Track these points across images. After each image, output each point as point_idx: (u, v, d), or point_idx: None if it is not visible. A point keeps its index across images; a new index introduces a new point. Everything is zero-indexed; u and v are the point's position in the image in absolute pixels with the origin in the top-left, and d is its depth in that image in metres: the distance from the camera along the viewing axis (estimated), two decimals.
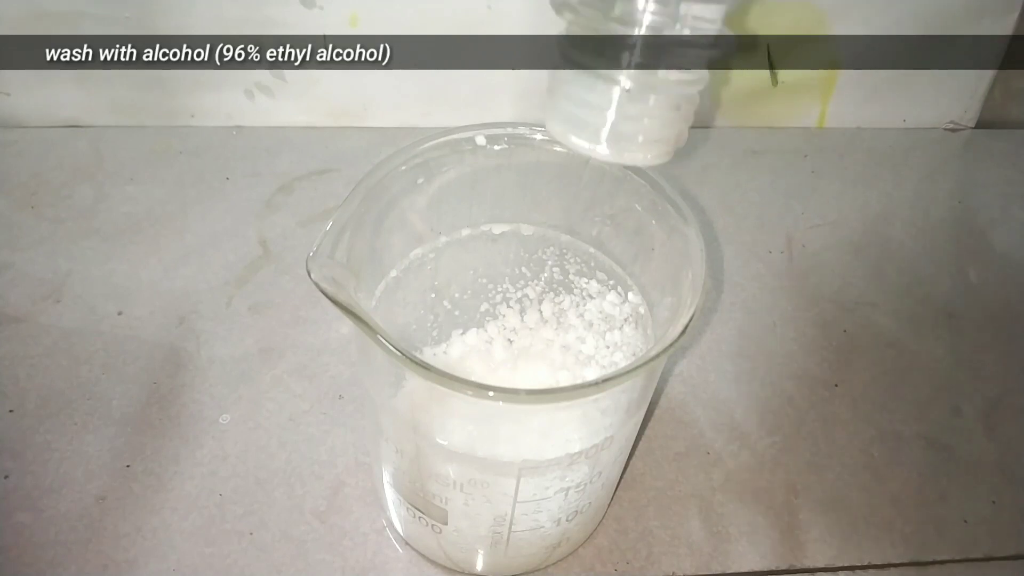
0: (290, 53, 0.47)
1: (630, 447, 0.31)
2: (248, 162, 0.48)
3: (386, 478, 0.29)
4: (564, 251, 0.32)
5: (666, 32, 0.20)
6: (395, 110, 0.51)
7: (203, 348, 0.38)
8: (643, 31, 0.20)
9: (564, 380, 0.33)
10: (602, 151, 0.22)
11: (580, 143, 0.22)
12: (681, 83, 0.21)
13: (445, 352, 0.33)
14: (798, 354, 0.40)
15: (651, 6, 0.20)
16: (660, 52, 0.20)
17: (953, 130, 0.55)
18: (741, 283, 0.44)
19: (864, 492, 0.35)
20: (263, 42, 0.47)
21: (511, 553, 0.30)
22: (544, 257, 0.33)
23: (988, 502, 0.35)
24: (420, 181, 0.29)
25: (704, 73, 0.22)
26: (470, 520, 0.28)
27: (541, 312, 0.34)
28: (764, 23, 0.49)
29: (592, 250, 0.32)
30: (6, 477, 0.33)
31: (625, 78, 0.21)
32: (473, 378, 0.22)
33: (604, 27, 0.20)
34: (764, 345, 0.41)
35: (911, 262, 0.46)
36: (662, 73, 0.21)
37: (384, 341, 0.22)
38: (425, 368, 0.22)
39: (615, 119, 0.21)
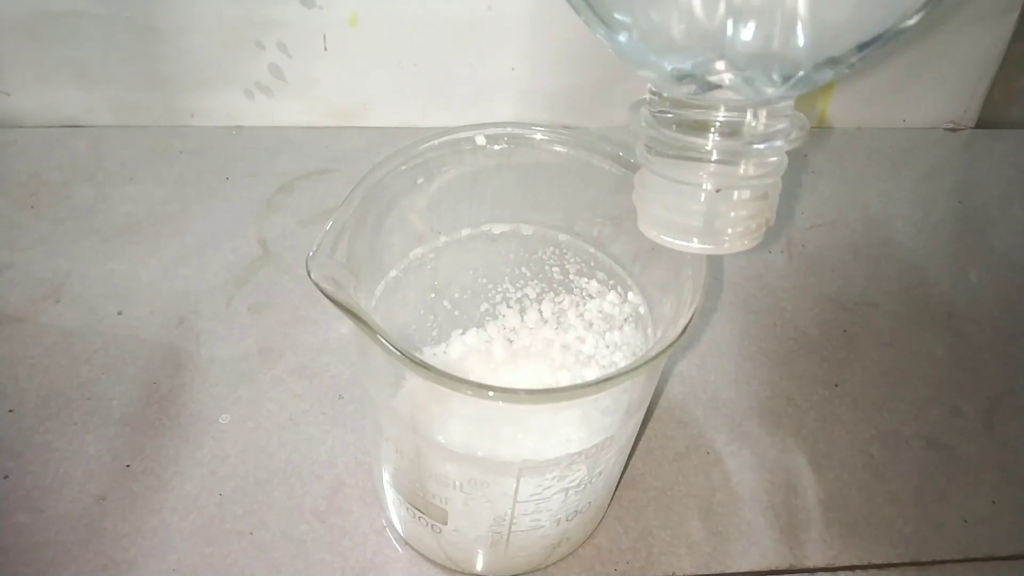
0: (290, 53, 0.48)
1: (630, 447, 0.31)
2: (248, 162, 0.48)
3: (386, 478, 0.29)
4: (564, 251, 0.32)
5: (742, 132, 0.21)
6: (395, 110, 0.51)
7: (203, 348, 0.38)
8: (719, 138, 0.21)
9: (564, 380, 0.33)
10: (698, 247, 0.23)
11: (677, 243, 0.23)
12: (761, 176, 0.22)
13: (445, 352, 0.33)
14: (798, 354, 0.40)
15: (725, 115, 0.21)
16: (738, 152, 0.21)
17: (953, 130, 0.55)
18: (741, 283, 0.44)
19: (864, 492, 0.35)
20: (263, 42, 0.47)
21: (511, 553, 0.30)
22: (544, 257, 0.33)
23: (988, 502, 0.35)
24: (420, 181, 0.29)
25: (783, 160, 0.23)
26: (470, 520, 0.28)
27: (541, 312, 0.34)
28: None
29: (592, 250, 0.32)
30: (6, 477, 0.33)
31: (708, 179, 0.22)
32: (473, 378, 0.22)
33: (681, 142, 0.21)
34: (764, 345, 0.41)
35: (911, 262, 0.46)
36: (742, 170, 0.22)
37: (384, 341, 0.22)
38: (425, 368, 0.22)
39: (708, 219, 0.22)
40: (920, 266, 0.46)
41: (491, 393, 0.22)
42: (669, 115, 0.22)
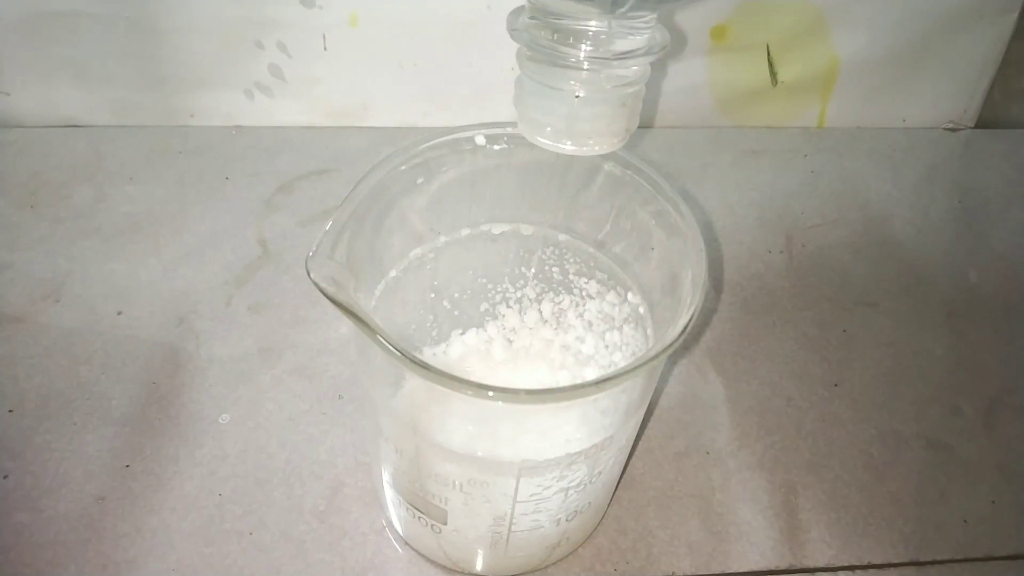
0: (290, 53, 0.47)
1: (630, 447, 0.31)
2: (248, 162, 0.48)
3: (386, 478, 0.29)
4: (564, 251, 0.32)
5: (604, 49, 0.24)
6: (395, 110, 0.51)
7: (202, 348, 0.38)
8: (585, 53, 0.24)
9: (564, 380, 0.33)
10: (565, 147, 0.26)
11: (546, 142, 0.26)
12: (623, 85, 0.25)
13: (445, 352, 0.33)
14: (798, 354, 0.40)
15: (588, 43, 0.24)
16: (602, 65, 0.24)
17: (953, 130, 0.55)
18: (741, 283, 0.44)
19: (864, 492, 0.35)
20: (263, 42, 0.47)
21: (511, 553, 0.30)
22: (544, 257, 0.33)
23: (988, 502, 0.35)
24: (420, 181, 0.29)
25: (643, 73, 0.25)
26: (470, 520, 0.28)
27: (540, 312, 0.34)
28: (764, 23, 0.49)
29: (592, 250, 0.32)
30: (5, 477, 0.33)
31: (577, 87, 0.24)
32: (473, 378, 0.22)
33: (555, 53, 0.24)
34: (764, 345, 0.41)
35: (911, 262, 0.46)
36: (605, 79, 0.24)
37: (384, 341, 0.22)
38: (425, 368, 0.22)
39: (573, 122, 0.25)
40: (920, 266, 0.46)
41: (491, 393, 0.22)
42: (544, 23, 0.24)
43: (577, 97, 0.25)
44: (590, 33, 0.24)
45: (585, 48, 0.24)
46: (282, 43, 0.47)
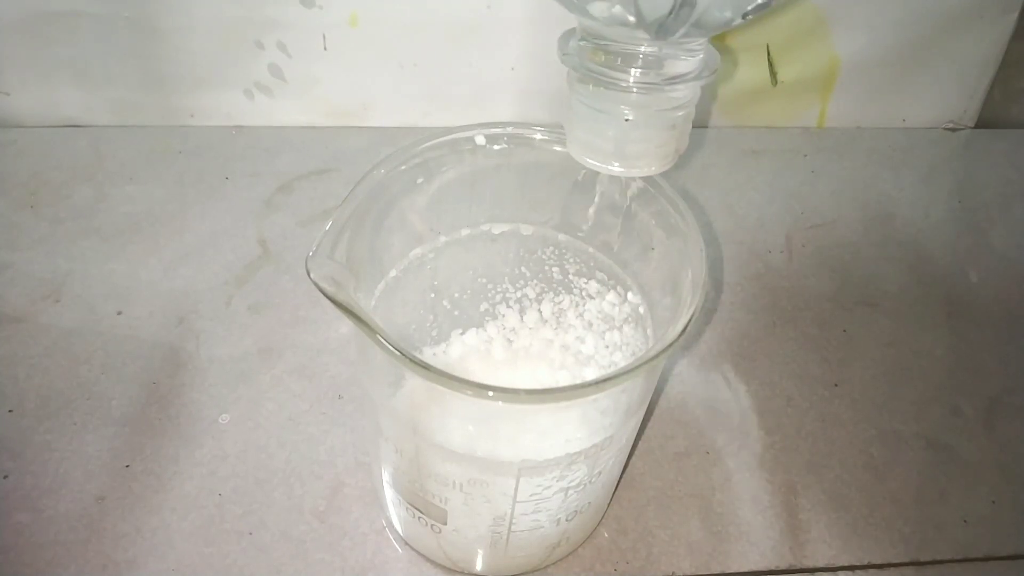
0: (290, 53, 0.48)
1: (630, 447, 0.31)
2: (248, 162, 0.48)
3: (385, 478, 0.29)
4: (563, 251, 0.32)
5: (655, 72, 0.24)
6: (395, 110, 0.51)
7: (202, 348, 0.38)
8: (635, 77, 0.24)
9: (564, 380, 0.33)
10: (614, 168, 0.26)
11: (595, 164, 0.26)
12: (673, 108, 0.25)
13: (444, 352, 0.33)
14: (798, 354, 0.40)
15: (638, 67, 0.24)
16: (652, 88, 0.24)
17: (953, 130, 0.55)
18: (741, 283, 0.44)
19: (864, 492, 0.35)
20: (263, 42, 0.47)
21: (511, 553, 0.30)
22: (544, 257, 0.33)
23: (988, 502, 0.35)
24: (420, 181, 0.29)
25: (694, 95, 0.25)
26: (469, 520, 0.28)
27: (540, 312, 0.34)
28: (764, 23, 0.49)
29: (591, 250, 0.32)
30: (5, 477, 0.33)
31: (627, 110, 0.24)
32: (473, 378, 0.22)
33: (604, 77, 0.24)
34: (764, 345, 0.41)
35: (911, 262, 0.46)
36: (655, 102, 0.24)
37: (384, 341, 0.22)
38: (425, 368, 0.22)
39: (622, 144, 0.25)
40: (920, 266, 0.46)
41: (491, 393, 0.22)
42: (595, 46, 0.24)
43: (627, 120, 0.24)
44: (640, 57, 0.24)
45: (635, 72, 0.24)
46: (282, 43, 0.47)
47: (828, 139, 0.54)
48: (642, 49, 0.24)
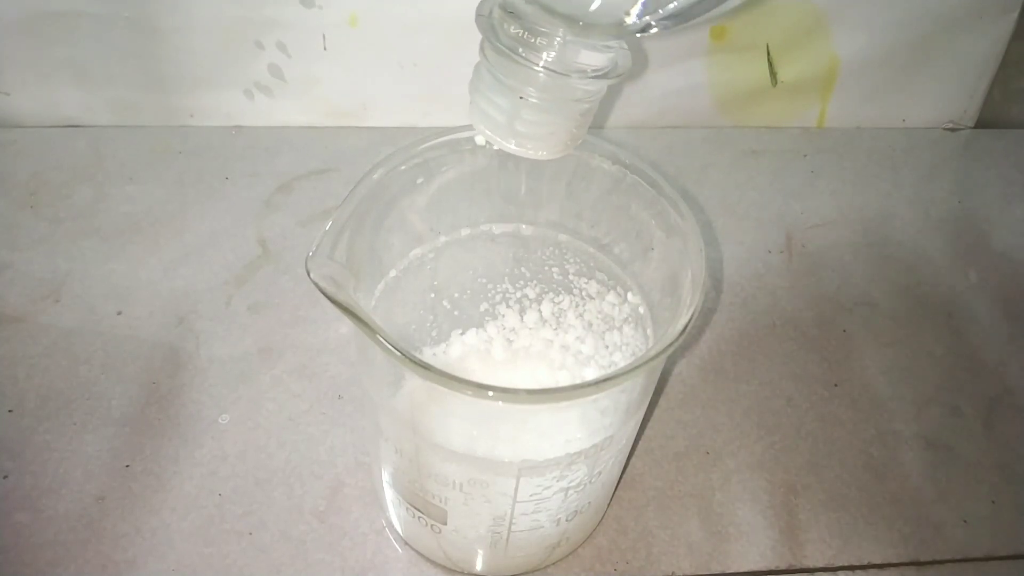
0: (290, 53, 0.47)
1: (630, 447, 0.31)
2: (248, 162, 0.48)
3: (385, 478, 0.29)
4: (564, 251, 0.32)
5: (566, 60, 0.24)
6: (395, 110, 0.51)
7: (202, 348, 0.38)
8: (544, 60, 0.24)
9: (563, 380, 0.33)
10: (506, 145, 0.26)
11: (491, 135, 0.26)
12: (576, 101, 0.25)
13: (444, 352, 0.33)
14: (798, 354, 0.40)
15: (551, 55, 0.24)
16: (558, 75, 0.24)
17: (953, 130, 0.55)
18: (741, 283, 0.44)
19: (864, 492, 0.35)
20: (263, 42, 0.47)
21: (511, 553, 0.30)
22: (544, 257, 0.33)
23: (988, 502, 0.35)
24: (420, 181, 0.29)
25: (598, 93, 0.25)
26: (469, 520, 0.28)
27: (540, 312, 0.34)
28: (764, 23, 0.49)
29: (592, 250, 0.32)
30: (5, 477, 0.33)
31: (529, 89, 0.24)
32: (473, 378, 0.22)
33: (516, 56, 0.24)
34: (764, 345, 0.41)
35: (911, 262, 0.46)
36: (558, 89, 0.24)
37: (384, 341, 0.22)
38: (425, 368, 0.22)
39: (513, 121, 0.25)
40: (920, 266, 0.46)
41: (491, 393, 0.22)
42: (512, 16, 0.24)
43: (521, 99, 0.25)
44: (556, 41, 0.24)
45: (545, 55, 0.24)
46: (282, 43, 0.47)
47: (828, 139, 0.54)
48: (559, 33, 0.24)
